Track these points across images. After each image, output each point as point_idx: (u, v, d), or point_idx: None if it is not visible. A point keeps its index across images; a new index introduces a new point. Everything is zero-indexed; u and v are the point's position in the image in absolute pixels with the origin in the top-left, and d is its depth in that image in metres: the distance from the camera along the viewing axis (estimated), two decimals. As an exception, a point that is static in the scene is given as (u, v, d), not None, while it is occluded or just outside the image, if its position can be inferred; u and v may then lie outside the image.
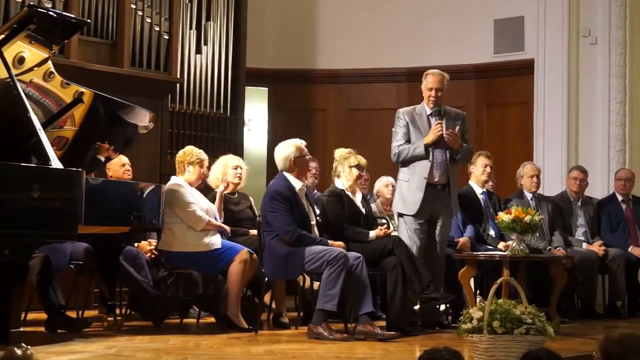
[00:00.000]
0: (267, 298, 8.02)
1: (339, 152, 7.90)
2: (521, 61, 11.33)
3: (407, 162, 7.77)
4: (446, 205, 7.80)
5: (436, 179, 7.74)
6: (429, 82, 7.81)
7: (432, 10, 11.89)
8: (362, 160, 7.85)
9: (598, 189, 10.32)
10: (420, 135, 7.75)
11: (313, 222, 7.54)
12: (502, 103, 11.68)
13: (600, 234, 9.51)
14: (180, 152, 7.92)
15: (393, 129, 7.88)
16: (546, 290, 8.21)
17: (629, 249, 9.39)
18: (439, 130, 7.66)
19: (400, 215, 7.82)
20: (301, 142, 7.60)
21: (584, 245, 9.25)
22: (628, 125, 10.58)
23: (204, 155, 7.88)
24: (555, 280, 8.04)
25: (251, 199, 8.58)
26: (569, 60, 10.75)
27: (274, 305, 8.07)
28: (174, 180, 7.75)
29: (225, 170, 8.27)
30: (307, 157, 7.60)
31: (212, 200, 7.97)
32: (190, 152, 7.85)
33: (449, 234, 8.17)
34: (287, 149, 7.54)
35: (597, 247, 9.19)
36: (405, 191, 7.78)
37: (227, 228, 7.82)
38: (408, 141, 7.77)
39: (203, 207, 7.67)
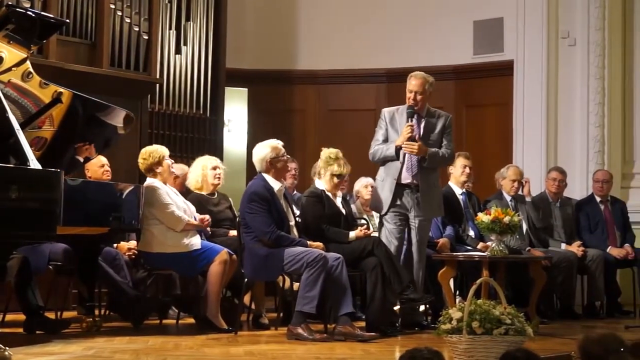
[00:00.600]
0: (246, 299, 8.00)
1: (326, 154, 7.81)
2: (500, 62, 11.36)
3: (383, 162, 7.81)
4: (421, 207, 7.73)
5: (407, 180, 7.74)
6: (410, 84, 7.80)
7: (411, 12, 11.90)
8: (345, 170, 7.81)
9: (577, 190, 10.35)
10: (396, 136, 7.76)
11: (292, 223, 7.53)
12: (481, 104, 11.70)
13: (579, 234, 9.55)
14: (140, 159, 7.77)
15: (376, 128, 7.94)
16: (525, 290, 8.23)
17: (608, 250, 9.43)
18: (409, 133, 7.65)
19: (380, 215, 7.83)
20: (278, 143, 7.58)
21: (563, 245, 9.28)
22: (607, 127, 10.62)
23: (162, 149, 7.79)
24: (535, 280, 8.06)
25: (231, 199, 8.57)
26: (548, 61, 10.78)
27: (253, 306, 8.06)
28: (149, 181, 7.71)
29: (205, 172, 8.26)
30: (284, 158, 7.56)
31: (192, 202, 7.95)
32: (149, 154, 7.73)
33: (429, 234, 8.18)
34: (263, 150, 7.53)
35: (575, 247, 9.22)
36: (381, 191, 7.83)
37: (208, 219, 7.79)
38: (385, 141, 7.79)
39: (181, 206, 7.65)
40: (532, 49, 10.85)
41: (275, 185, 7.45)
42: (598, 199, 9.75)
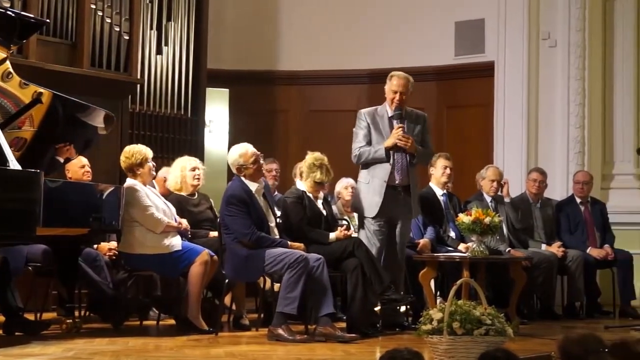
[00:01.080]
0: (227, 300, 7.99)
1: (310, 160, 7.77)
2: (481, 63, 11.37)
3: (367, 164, 7.78)
4: (406, 208, 7.81)
5: (397, 182, 7.75)
6: (393, 84, 7.79)
7: (393, 13, 11.91)
8: (327, 178, 7.80)
9: (557, 191, 10.39)
10: (380, 138, 7.74)
11: (272, 224, 7.53)
12: (462, 105, 11.72)
13: (559, 235, 9.58)
14: (122, 157, 7.74)
15: (354, 130, 7.87)
16: (506, 291, 8.26)
17: (587, 250, 9.47)
18: (400, 135, 7.67)
19: (363, 217, 7.82)
20: (247, 150, 7.51)
21: (543, 246, 9.31)
22: (587, 128, 10.66)
23: (145, 151, 7.76)
24: (515, 281, 8.08)
25: (211, 200, 8.56)
26: (529, 62, 10.81)
27: (234, 307, 8.04)
28: (129, 182, 7.68)
29: (183, 173, 8.24)
30: (252, 166, 7.48)
31: (172, 203, 7.93)
32: (132, 153, 7.71)
33: (410, 235, 8.20)
34: (232, 155, 7.55)
35: (556, 248, 9.25)
36: (364, 193, 7.79)
37: (187, 225, 7.78)
38: (369, 143, 7.77)
39: (160, 207, 7.62)
40: (513, 50, 10.88)
41: (253, 186, 7.44)
42: (578, 199, 9.78)
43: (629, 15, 10.84)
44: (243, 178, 7.47)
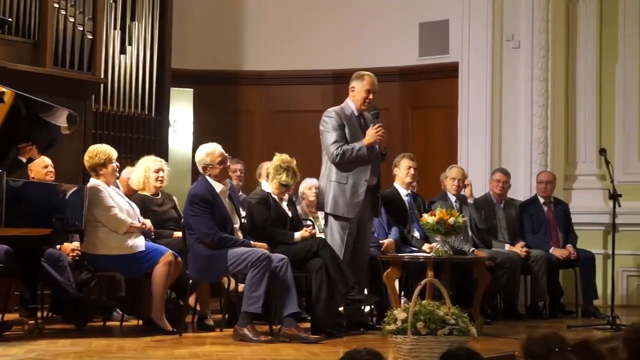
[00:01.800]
0: (191, 300, 7.97)
1: (277, 161, 7.75)
2: (446, 64, 11.42)
3: (346, 163, 7.70)
4: (372, 207, 7.82)
5: (374, 182, 7.77)
6: (367, 83, 7.76)
7: (357, 13, 11.93)
8: (293, 180, 7.77)
9: (521, 191, 10.45)
10: (354, 137, 7.72)
11: (237, 225, 7.51)
12: (426, 106, 11.76)
13: (522, 235, 9.63)
14: (86, 157, 7.69)
15: (324, 128, 7.74)
16: (469, 291, 8.29)
17: (550, 250, 9.53)
18: (382, 133, 7.67)
19: (335, 217, 7.75)
20: (215, 149, 7.50)
21: (507, 246, 9.36)
22: (550, 128, 10.73)
23: (109, 151, 7.71)
24: (479, 281, 8.12)
25: (175, 199, 8.53)
26: (493, 63, 10.87)
27: (198, 308, 8.02)
28: (92, 182, 7.63)
29: (147, 174, 8.20)
30: (219, 166, 7.47)
31: (136, 202, 7.90)
32: (96, 153, 7.67)
33: (374, 235, 8.22)
34: (199, 154, 7.53)
35: (519, 248, 9.30)
36: (342, 193, 7.69)
37: (150, 226, 7.75)
38: (346, 141, 7.74)
39: (124, 208, 7.59)
40: (477, 51, 10.93)
41: (218, 187, 7.42)
42: (541, 200, 9.84)
43: (592, 17, 10.93)
44: (208, 178, 7.45)
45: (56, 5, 9.77)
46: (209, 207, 7.27)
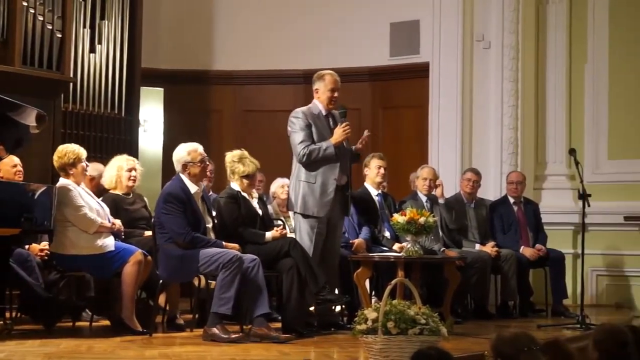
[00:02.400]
0: (161, 300, 7.93)
1: (229, 158, 7.80)
2: (416, 64, 11.44)
3: (316, 162, 7.68)
4: (342, 207, 7.82)
5: (343, 181, 7.77)
6: (331, 82, 7.77)
7: (328, 13, 11.94)
8: (251, 167, 7.76)
9: (491, 191, 10.48)
10: (322, 137, 7.71)
11: (209, 225, 7.49)
12: (397, 106, 11.78)
13: (492, 235, 9.66)
14: (55, 156, 7.64)
15: (291, 129, 7.75)
16: (440, 290, 8.30)
17: (520, 250, 9.56)
18: (349, 132, 7.68)
19: (304, 216, 7.74)
20: (197, 148, 7.51)
21: (477, 246, 9.39)
22: (520, 129, 10.78)
23: (79, 151, 7.65)
24: (449, 280, 8.13)
25: (146, 199, 8.50)
26: (463, 64, 10.90)
27: (168, 308, 7.99)
28: (62, 182, 7.58)
29: (119, 173, 8.16)
30: (200, 165, 7.47)
31: (107, 202, 7.86)
32: (65, 153, 7.61)
33: (345, 235, 8.21)
34: (180, 152, 7.49)
35: (489, 248, 9.33)
36: (311, 192, 7.68)
37: (120, 226, 7.70)
38: (313, 141, 7.73)
39: (94, 207, 7.54)
40: (447, 51, 10.95)
41: (192, 188, 7.40)
42: (511, 200, 9.88)
43: (561, 18, 10.99)
44: (185, 177, 7.41)
45: (25, 3, 9.71)
46: (182, 207, 7.25)
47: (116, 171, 8.20)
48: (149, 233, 7.93)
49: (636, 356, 4.32)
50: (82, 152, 7.66)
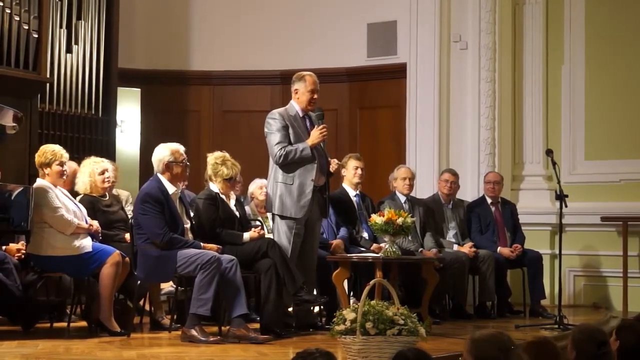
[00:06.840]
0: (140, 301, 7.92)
1: (212, 160, 7.80)
2: (394, 65, 11.46)
3: (293, 163, 7.68)
4: (320, 207, 7.83)
5: (321, 182, 7.77)
6: (310, 83, 7.76)
7: (305, 13, 11.93)
8: (234, 170, 7.77)
9: (468, 192, 10.50)
10: (298, 138, 7.71)
11: (187, 226, 7.47)
12: (374, 106, 11.79)
13: (470, 235, 9.68)
14: (36, 155, 7.62)
15: (268, 130, 7.75)
16: (418, 291, 8.31)
17: (498, 250, 9.58)
18: (326, 134, 7.68)
19: (282, 217, 7.73)
20: (179, 148, 7.51)
21: (455, 246, 9.41)
22: (497, 129, 10.80)
23: (58, 153, 7.60)
24: (427, 281, 8.14)
25: (130, 197, 8.47)
26: (440, 64, 10.91)
27: (147, 308, 7.97)
28: (39, 183, 7.54)
29: (93, 179, 8.10)
30: (182, 164, 7.46)
31: (84, 204, 7.82)
32: (43, 152, 7.57)
33: (323, 235, 8.22)
34: (162, 151, 7.47)
35: (467, 248, 9.35)
36: (288, 194, 7.67)
37: (97, 227, 7.67)
38: (290, 143, 7.72)
39: (71, 208, 7.50)
40: (424, 52, 10.97)
41: (171, 188, 7.38)
42: (489, 200, 9.91)
43: (538, 18, 11.03)
44: (164, 178, 7.39)
45: (1, 3, 9.65)
46: (160, 207, 7.23)
47: (89, 177, 8.13)
48: (126, 234, 7.91)
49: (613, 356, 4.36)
50: (61, 154, 7.57)
